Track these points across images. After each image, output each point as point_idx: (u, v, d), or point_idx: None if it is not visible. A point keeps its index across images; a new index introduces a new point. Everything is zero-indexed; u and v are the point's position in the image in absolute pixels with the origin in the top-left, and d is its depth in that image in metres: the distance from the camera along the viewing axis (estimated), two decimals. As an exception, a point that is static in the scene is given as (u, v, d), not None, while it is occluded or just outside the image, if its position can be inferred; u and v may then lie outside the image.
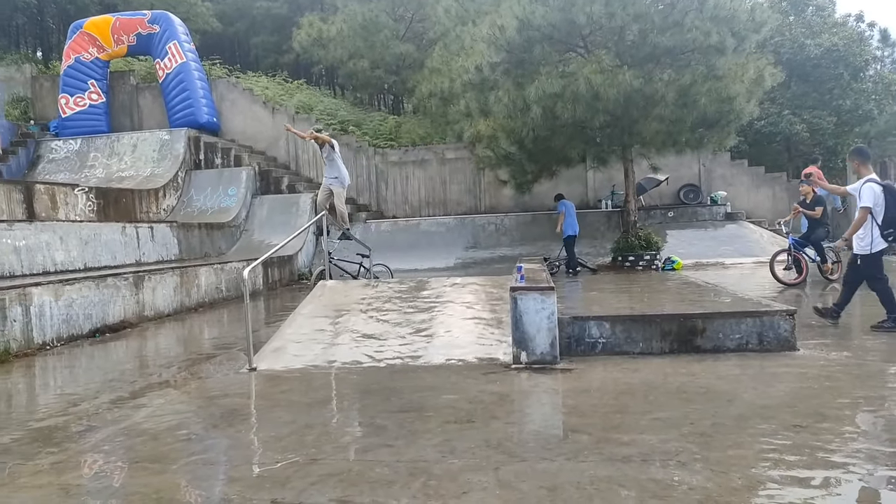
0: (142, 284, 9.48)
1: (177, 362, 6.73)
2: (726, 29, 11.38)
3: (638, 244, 13.42)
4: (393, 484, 3.28)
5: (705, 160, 17.82)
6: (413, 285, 8.78)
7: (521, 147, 12.95)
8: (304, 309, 7.88)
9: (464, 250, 16.33)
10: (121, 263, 11.01)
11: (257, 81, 21.69)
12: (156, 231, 12.64)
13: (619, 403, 4.63)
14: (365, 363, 6.11)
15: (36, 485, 3.44)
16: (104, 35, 19.04)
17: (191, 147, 18.04)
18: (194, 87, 18.72)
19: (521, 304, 5.82)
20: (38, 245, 9.26)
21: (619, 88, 11.25)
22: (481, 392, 5.01)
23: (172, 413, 4.81)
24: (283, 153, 19.57)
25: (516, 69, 12.47)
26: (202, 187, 17.36)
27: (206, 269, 11.48)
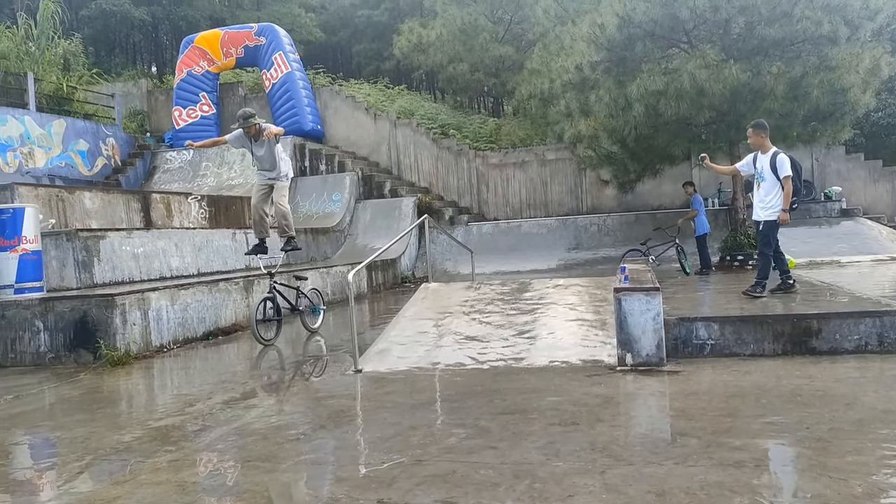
0: (251, 288, 9.92)
1: (285, 364, 7.00)
2: (839, 18, 10.70)
3: (747, 243, 12.77)
4: (498, 486, 3.26)
5: (818, 155, 16.76)
6: (515, 287, 8.74)
7: (623, 146, 12.64)
8: (407, 311, 8.01)
9: (566, 251, 16.11)
10: (231, 268, 11.56)
11: (359, 88, 22.31)
12: (265, 236, 13.20)
13: (729, 407, 4.42)
14: (468, 365, 6.13)
15: (155, 482, 3.64)
16: (214, 49, 20.16)
17: (296, 154, 18.76)
18: (299, 95, 19.49)
19: (625, 305, 5.68)
20: (154, 252, 9.89)
21: (724, 83, 10.78)
22: (585, 394, 4.91)
23: (281, 413, 5.00)
24: (385, 158, 20.02)
25: (617, 67, 12.19)
26: (307, 193, 18.02)
27: (312, 272, 11.88)
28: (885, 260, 13.54)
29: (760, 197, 7.24)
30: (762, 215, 7.20)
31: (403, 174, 19.69)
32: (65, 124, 17.88)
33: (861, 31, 11.21)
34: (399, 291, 13.70)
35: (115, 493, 3.48)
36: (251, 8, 30.13)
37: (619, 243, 15.57)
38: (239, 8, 29.96)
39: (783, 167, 7.00)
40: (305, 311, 8.78)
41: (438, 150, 19.31)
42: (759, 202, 7.27)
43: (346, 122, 20.50)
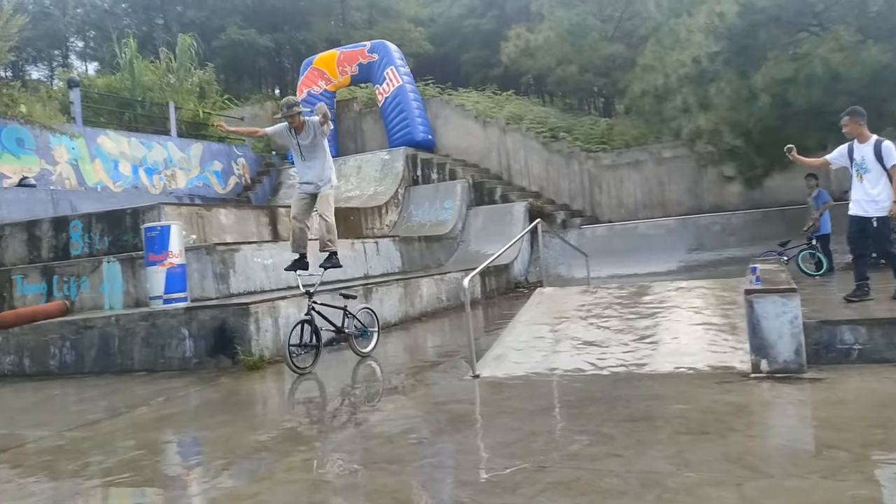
0: (371, 296, 10.22)
1: (404, 369, 7.15)
2: None
3: (895, 239, 11.72)
4: (624, 495, 3.17)
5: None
6: (634, 290, 8.48)
7: (747, 140, 11.98)
8: (522, 316, 7.97)
9: (686, 253, 15.46)
10: (351, 277, 11.97)
11: (468, 97, 22.53)
12: (380, 245, 13.61)
13: (881, 417, 4.07)
14: (587, 371, 6.02)
15: (290, 480, 3.83)
16: (331, 68, 21.04)
17: (409, 164, 19.19)
18: (410, 107, 19.95)
19: (757, 308, 5.36)
20: (282, 262, 10.34)
21: (863, 66, 9.99)
22: (715, 402, 4.68)
23: (403, 418, 5.11)
24: (496, 164, 20.07)
25: (738, 57, 11.59)
26: (420, 202, 18.38)
27: (427, 279, 12.10)
28: None
29: (865, 190, 6.51)
30: (870, 210, 6.47)
31: (514, 179, 19.65)
32: (202, 147, 19.31)
33: None
34: (513, 297, 13.66)
35: (256, 490, 3.70)
36: (364, 27, 31.21)
37: (745, 243, 14.74)
38: (353, 28, 31.12)
39: (890, 155, 6.32)
40: (354, 335, 7.70)
41: (549, 153, 19.12)
42: (863, 196, 6.53)
43: (456, 131, 20.75)
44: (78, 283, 9.94)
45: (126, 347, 8.38)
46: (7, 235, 11.43)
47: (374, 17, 32.36)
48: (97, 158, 16.43)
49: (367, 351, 7.87)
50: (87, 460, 4.59)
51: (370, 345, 7.99)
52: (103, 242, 10.67)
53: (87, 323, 8.57)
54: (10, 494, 3.96)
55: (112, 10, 33.02)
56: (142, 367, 8.22)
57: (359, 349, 7.77)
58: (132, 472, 4.21)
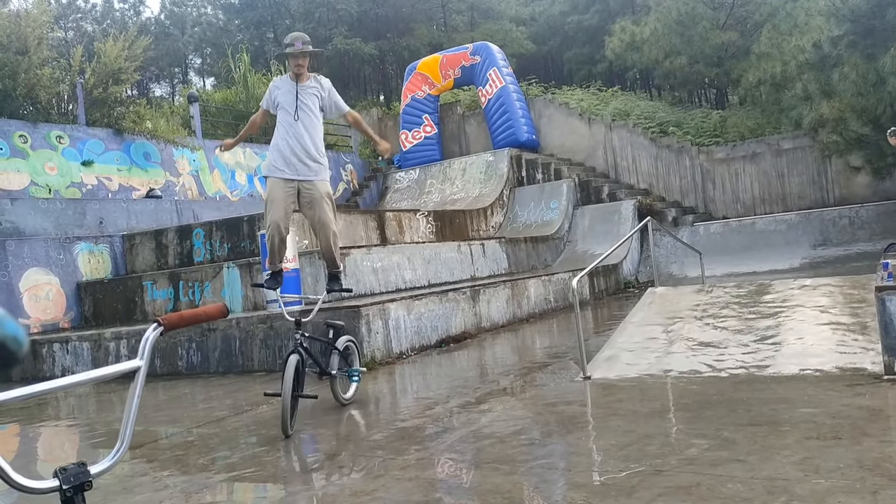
0: (478, 298, 10.30)
1: (513, 371, 7.15)
2: None
3: None
4: (749, 502, 3.05)
5: None
6: (753, 289, 8.09)
7: (876, 127, 11.16)
8: (634, 317, 7.79)
9: (810, 249, 14.56)
10: (458, 279, 12.11)
11: (572, 95, 22.23)
12: (486, 247, 13.67)
13: None
14: (704, 372, 5.80)
15: (406, 477, 3.92)
16: (434, 73, 21.37)
17: (513, 165, 19.17)
18: (513, 108, 19.93)
19: (890, 306, 4.98)
20: (390, 265, 10.68)
21: None
22: (846, 406, 4.39)
23: (513, 419, 5.12)
24: (602, 162, 19.70)
25: (864, 40, 10.83)
26: (525, 202, 18.31)
27: (534, 280, 12.04)
28: None
29: None
30: None
31: (621, 177, 19.20)
32: (310, 155, 20.12)
33: None
34: (622, 297, 13.35)
35: (373, 487, 3.83)
36: (465, 30, 31.48)
37: (876, 237, 13.71)
38: (454, 31, 31.48)
39: None
40: (338, 376, 5.85)
41: (657, 149, 18.55)
42: None
43: (560, 130, 20.52)
44: (201, 288, 10.63)
45: (246, 349, 8.87)
46: (137, 244, 12.40)
47: (475, 20, 32.57)
48: (216, 169, 17.50)
49: (348, 397, 6.08)
50: (215, 455, 4.90)
51: (352, 390, 6.16)
52: (223, 249, 11.35)
53: (211, 326, 9.15)
54: (146, 487, 4.30)
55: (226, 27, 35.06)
56: (261, 368, 8.66)
57: (340, 395, 5.92)
58: (256, 467, 4.47)
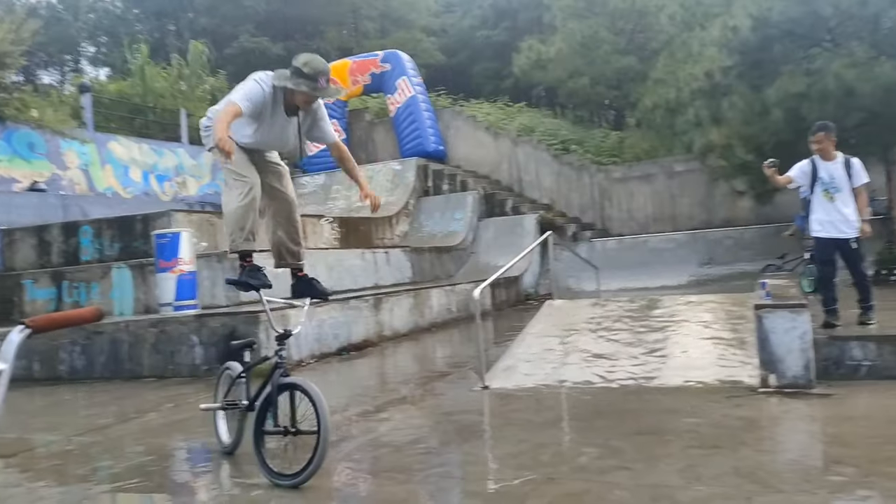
0: (381, 306, 10.23)
1: (413, 380, 7.15)
2: None
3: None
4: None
5: None
6: (644, 304, 8.47)
7: (760, 154, 11.93)
8: (532, 328, 7.96)
9: (697, 267, 15.39)
10: (361, 287, 11.98)
11: (479, 108, 22.59)
12: (391, 256, 13.63)
13: (890, 433, 4.06)
14: (596, 383, 6.00)
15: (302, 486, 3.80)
16: (342, 78, 21.13)
17: (420, 175, 19.23)
18: (422, 118, 20.03)
19: (767, 323, 5.34)
20: (295, 270, 10.43)
21: (876, 82, 9.96)
22: (726, 416, 4.66)
23: (412, 427, 5.11)
24: (507, 176, 20.09)
25: (752, 71, 11.59)
26: (431, 212, 18.40)
27: (438, 290, 12.10)
28: None
29: (838, 210, 6.11)
30: (848, 231, 6.11)
31: (525, 191, 19.66)
32: (212, 154, 19.41)
33: None
34: (522, 309, 13.63)
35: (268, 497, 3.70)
36: (376, 36, 31.40)
37: (757, 258, 14.67)
38: (365, 37, 31.32)
39: (861, 173, 6.15)
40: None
41: (560, 165, 19.13)
42: (837, 217, 6.14)
43: (467, 142, 20.80)
44: (88, 288, 10.00)
45: (136, 353, 8.41)
46: (17, 240, 11.53)
47: (387, 27, 32.55)
48: (108, 164, 16.58)
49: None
50: (96, 465, 4.61)
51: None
52: (113, 248, 10.74)
53: (96, 328, 8.62)
54: (19, 499, 3.98)
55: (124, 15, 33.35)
56: (151, 374, 8.24)
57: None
58: (141, 477, 4.23)
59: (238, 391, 4.42)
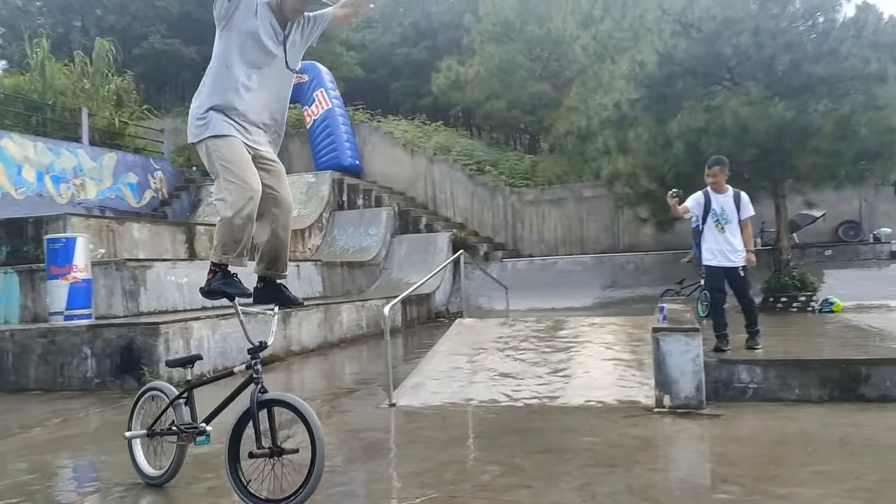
0: (289, 320, 10.03)
1: (320, 396, 7.03)
2: (887, 56, 10.58)
3: (792, 284, 12.50)
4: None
5: (867, 195, 16.35)
6: (550, 325, 8.69)
7: (662, 184, 12.54)
8: (441, 346, 8.01)
9: (602, 290, 15.95)
10: (270, 299, 11.68)
11: (397, 125, 22.67)
12: (301, 269, 13.40)
13: (773, 454, 4.31)
14: (502, 402, 6.09)
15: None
16: (259, 87, 20.70)
17: (335, 189, 19.07)
18: (339, 131, 19.89)
19: (663, 346, 5.59)
20: (197, 282, 9.96)
21: (769, 121, 10.68)
22: (622, 436, 4.83)
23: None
24: (422, 193, 20.21)
25: (657, 105, 12.18)
26: (344, 227, 18.26)
27: (348, 306, 11.99)
28: (936, 305, 13.07)
29: (728, 241, 6.54)
30: (736, 260, 6.55)
31: (439, 210, 19.84)
32: (116, 158, 18.53)
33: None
34: (433, 326, 13.69)
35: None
36: (295, 47, 30.95)
37: (657, 282, 15.36)
38: (283, 47, 30.81)
39: (748, 207, 6.67)
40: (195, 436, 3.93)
41: (474, 186, 19.44)
42: (726, 247, 6.54)
43: (384, 158, 20.81)
44: (-32, 294, 9.32)
45: (21, 365, 7.89)
46: None
47: (307, 39, 32.17)
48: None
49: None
50: (-30, 485, 4.27)
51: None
52: (0, 252, 10.07)
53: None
54: None
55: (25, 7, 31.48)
56: (38, 387, 7.75)
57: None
58: (23, 496, 3.96)
59: (177, 414, 3.98)
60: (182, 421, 3.93)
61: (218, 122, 3.60)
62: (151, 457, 4.15)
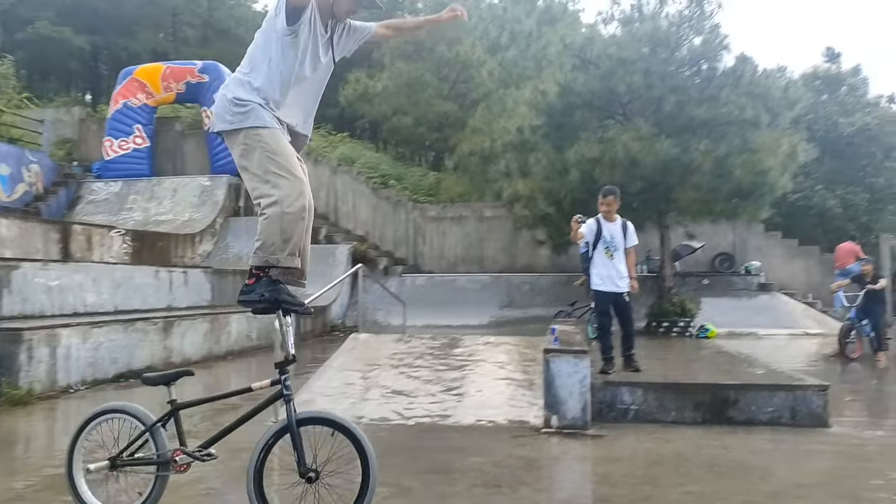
0: (171, 330, 9.55)
1: (200, 412, 6.69)
2: (761, 105, 11.50)
3: (672, 310, 13.23)
4: (416, 550, 3.17)
5: (740, 230, 17.61)
6: (446, 342, 8.70)
7: (559, 208, 12.99)
8: (334, 361, 7.85)
9: (498, 309, 16.22)
10: (151, 307, 11.10)
11: (301, 133, 22.23)
12: (189, 276, 12.82)
13: (649, 474, 4.48)
14: (393, 420, 6.02)
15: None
16: (154, 82, 19.78)
17: (231, 194, 18.45)
18: (240, 136, 19.22)
19: (553, 367, 5.72)
20: (70, 285, 9.37)
21: (656, 156, 11.32)
22: (509, 456, 4.87)
23: (193, 466, 4.74)
24: (323, 204, 19.88)
25: (556, 133, 12.63)
26: (240, 234, 17.64)
27: (238, 316, 11.55)
28: (798, 334, 14.16)
29: (616, 267, 6.86)
30: (623, 286, 6.87)
31: (340, 221, 19.59)
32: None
33: (781, 118, 12.03)
34: (327, 340, 13.43)
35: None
36: (197, 45, 29.91)
37: (550, 303, 15.80)
38: (184, 44, 29.70)
39: (633, 236, 7.03)
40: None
41: (377, 199, 19.36)
42: (615, 273, 6.84)
43: (286, 166, 20.32)
44: None
45: None
46: None
47: (210, 37, 31.14)
48: None
49: None
50: None
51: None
52: None
53: None
54: None
55: None
56: None
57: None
58: None
59: (158, 440, 3.51)
60: (163, 448, 3.47)
61: (262, 112, 3.34)
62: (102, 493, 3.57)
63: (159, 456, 3.45)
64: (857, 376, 9.21)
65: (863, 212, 21.19)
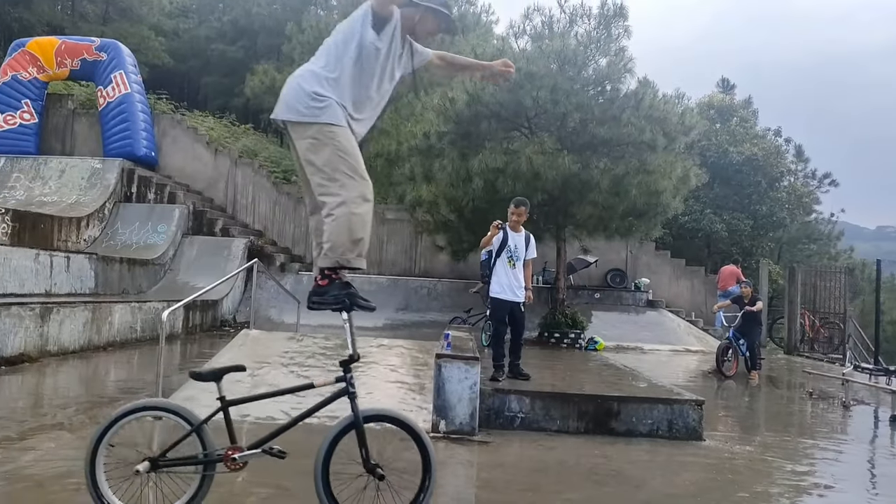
0: (48, 317, 8.98)
1: (74, 404, 6.35)
2: (658, 128, 12.06)
3: (564, 322, 13.66)
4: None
5: (632, 247, 18.45)
6: (339, 342, 8.63)
7: (460, 216, 13.15)
8: (222, 357, 7.61)
9: (394, 311, 16.22)
10: (28, 292, 10.43)
11: (203, 121, 21.46)
12: (72, 261, 12.09)
13: (531, 481, 4.61)
14: (279, 420, 5.89)
15: None
16: (47, 56, 18.56)
17: (123, 179, 17.54)
18: (136, 118, 18.34)
19: (444, 372, 5.79)
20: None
21: (558, 171, 11.65)
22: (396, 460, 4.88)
23: (63, 459, 4.50)
24: (222, 195, 19.25)
25: (462, 140, 12.79)
26: (130, 221, 16.80)
27: (122, 306, 11.00)
28: (680, 351, 14.98)
29: (516, 277, 7.08)
30: (521, 296, 7.10)
31: (238, 214, 19.02)
32: None
33: (676, 142, 12.66)
34: (217, 335, 13.00)
35: None
36: (96, 21, 28.25)
37: (446, 309, 15.98)
38: (83, 19, 27.97)
39: (534, 249, 7.30)
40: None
41: (278, 194, 18.94)
42: (514, 282, 7.05)
43: (184, 153, 19.55)
44: None
45: None
46: None
47: (110, 15, 29.48)
48: None
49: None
50: None
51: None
52: None
53: None
54: None
55: None
56: None
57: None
58: None
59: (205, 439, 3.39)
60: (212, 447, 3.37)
61: (338, 110, 3.30)
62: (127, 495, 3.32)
63: (207, 455, 3.33)
64: (731, 393, 9.80)
65: (746, 237, 22.80)
